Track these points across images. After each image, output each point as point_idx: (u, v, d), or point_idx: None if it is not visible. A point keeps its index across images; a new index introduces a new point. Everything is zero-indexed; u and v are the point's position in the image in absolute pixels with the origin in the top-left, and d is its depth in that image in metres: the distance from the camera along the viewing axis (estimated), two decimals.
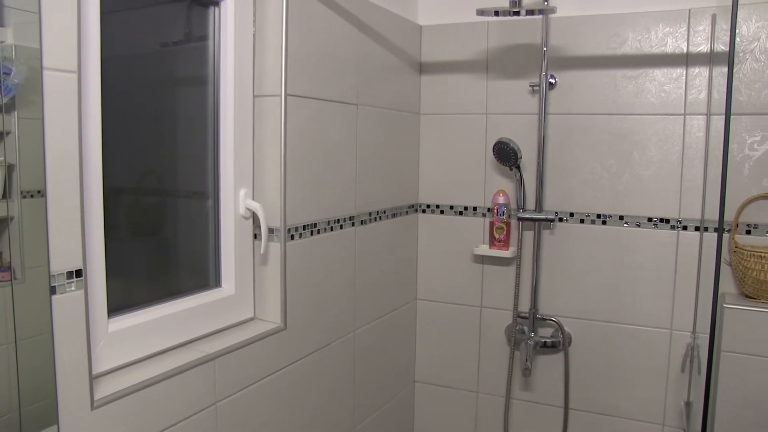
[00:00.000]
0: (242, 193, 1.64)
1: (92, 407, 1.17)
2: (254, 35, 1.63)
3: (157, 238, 1.56)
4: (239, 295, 1.66)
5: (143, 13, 1.46)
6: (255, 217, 1.66)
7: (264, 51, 1.63)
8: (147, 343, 1.39)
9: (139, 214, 1.50)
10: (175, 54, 1.55)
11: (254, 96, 1.64)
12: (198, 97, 1.58)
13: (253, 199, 1.67)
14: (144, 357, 1.38)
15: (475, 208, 2.33)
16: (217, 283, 1.65)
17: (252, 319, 1.71)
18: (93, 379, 1.18)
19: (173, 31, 1.53)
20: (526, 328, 2.27)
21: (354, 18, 1.91)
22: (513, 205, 2.24)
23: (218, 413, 1.47)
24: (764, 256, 1.87)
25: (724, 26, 1.94)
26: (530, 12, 1.90)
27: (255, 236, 1.68)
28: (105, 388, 1.23)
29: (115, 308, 1.33)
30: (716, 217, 1.80)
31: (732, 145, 1.95)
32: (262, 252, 1.66)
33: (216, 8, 1.57)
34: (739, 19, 1.92)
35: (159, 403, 1.31)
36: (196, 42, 1.57)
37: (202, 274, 1.63)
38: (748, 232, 1.98)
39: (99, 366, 1.27)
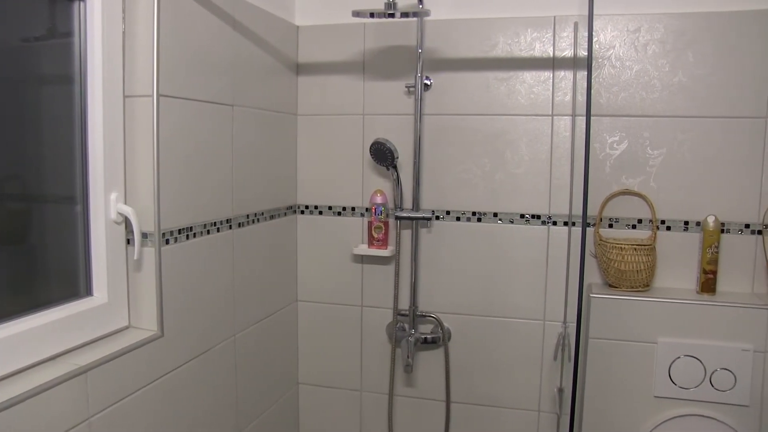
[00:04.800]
0: (113, 197, 1.56)
1: None
2: (124, 33, 1.56)
3: (21, 246, 1.46)
4: (112, 304, 1.59)
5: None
6: (128, 222, 1.59)
7: (134, 49, 1.56)
8: (10, 359, 1.29)
9: None
10: (36, 50, 1.45)
11: (125, 96, 1.57)
12: (63, 97, 1.49)
13: (125, 203, 1.59)
14: (7, 375, 1.28)
15: (353, 208, 2.35)
16: (88, 292, 1.57)
17: (127, 327, 1.64)
18: None
19: (34, 26, 1.44)
20: (406, 326, 2.31)
21: (229, 17, 1.87)
22: (391, 205, 2.28)
23: (92, 429, 1.40)
24: (624, 248, 1.99)
25: (584, 34, 2.06)
26: (405, 14, 1.94)
27: (128, 241, 1.62)
28: None
29: None
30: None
31: (594, 145, 2.08)
32: (135, 258, 1.59)
33: (81, 3, 1.49)
34: (596, 28, 2.04)
35: (24, 424, 1.22)
36: (60, 38, 1.48)
37: (71, 283, 1.54)
38: (611, 226, 2.11)
39: None
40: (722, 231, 2.01)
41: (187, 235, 1.73)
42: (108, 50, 1.52)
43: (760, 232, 2.00)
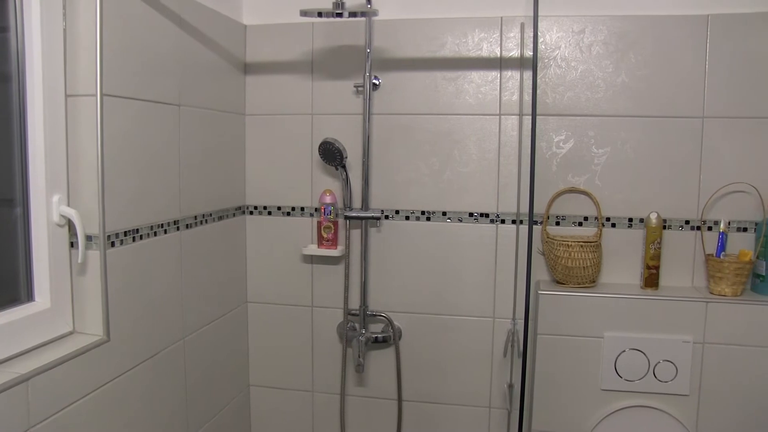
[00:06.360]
0: (56, 199, 1.52)
1: None
2: (65, 30, 1.51)
3: None
4: (55, 309, 1.54)
5: None
6: (71, 225, 1.55)
7: (76, 47, 1.52)
8: None
9: None
10: None
11: (66, 95, 1.53)
12: (0, 95, 1.44)
13: (69, 205, 1.55)
14: None
15: (302, 209, 2.34)
16: (30, 297, 1.52)
17: (71, 332, 1.59)
18: None
19: None
20: (357, 325, 2.31)
21: (175, 15, 1.84)
22: (340, 205, 2.27)
23: None
24: (571, 245, 2.03)
25: (530, 34, 2.09)
26: (353, 14, 1.94)
27: (72, 245, 1.57)
28: None
29: None
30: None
31: (541, 144, 2.11)
32: (79, 261, 1.55)
33: None
34: (542, 29, 2.08)
35: None
36: None
37: (11, 288, 1.49)
38: (558, 224, 2.14)
39: None
40: (664, 227, 2.07)
41: (134, 237, 1.70)
42: (48, 48, 1.47)
43: (699, 228, 2.06)
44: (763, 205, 2.00)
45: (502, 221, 2.18)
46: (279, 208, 2.36)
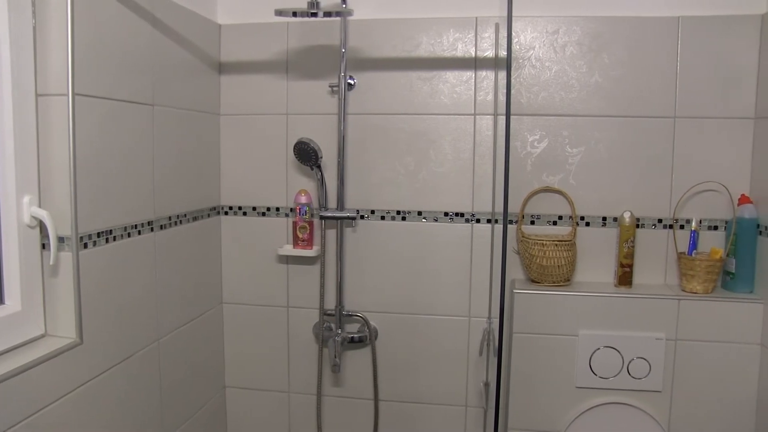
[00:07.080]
0: (26, 200, 1.49)
1: None
2: (34, 28, 1.49)
3: None
4: (27, 312, 1.52)
5: None
6: (42, 226, 1.53)
7: (47, 45, 1.50)
8: None
9: None
10: None
11: (37, 95, 1.51)
12: None
13: (40, 206, 1.53)
14: None
15: (277, 209, 2.33)
16: (0, 300, 1.50)
17: (43, 336, 1.57)
18: None
19: None
20: (333, 325, 2.30)
21: (148, 14, 1.82)
22: (315, 205, 2.27)
23: None
24: (546, 244, 2.05)
25: (505, 34, 2.10)
26: (328, 14, 1.93)
27: (44, 246, 1.55)
28: None
29: None
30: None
31: (515, 143, 2.13)
32: (51, 263, 1.52)
33: None
34: (516, 29, 2.09)
35: None
36: None
37: None
38: (533, 223, 2.16)
39: None
40: (637, 226, 2.10)
41: (107, 239, 1.67)
42: (17, 45, 1.45)
43: (671, 227, 2.09)
44: (733, 204, 2.03)
45: (477, 221, 2.19)
46: (254, 209, 2.35)
